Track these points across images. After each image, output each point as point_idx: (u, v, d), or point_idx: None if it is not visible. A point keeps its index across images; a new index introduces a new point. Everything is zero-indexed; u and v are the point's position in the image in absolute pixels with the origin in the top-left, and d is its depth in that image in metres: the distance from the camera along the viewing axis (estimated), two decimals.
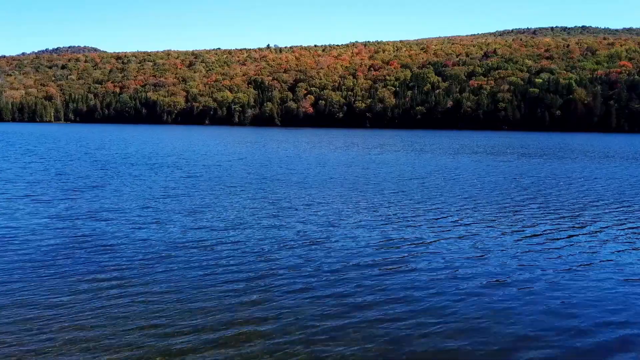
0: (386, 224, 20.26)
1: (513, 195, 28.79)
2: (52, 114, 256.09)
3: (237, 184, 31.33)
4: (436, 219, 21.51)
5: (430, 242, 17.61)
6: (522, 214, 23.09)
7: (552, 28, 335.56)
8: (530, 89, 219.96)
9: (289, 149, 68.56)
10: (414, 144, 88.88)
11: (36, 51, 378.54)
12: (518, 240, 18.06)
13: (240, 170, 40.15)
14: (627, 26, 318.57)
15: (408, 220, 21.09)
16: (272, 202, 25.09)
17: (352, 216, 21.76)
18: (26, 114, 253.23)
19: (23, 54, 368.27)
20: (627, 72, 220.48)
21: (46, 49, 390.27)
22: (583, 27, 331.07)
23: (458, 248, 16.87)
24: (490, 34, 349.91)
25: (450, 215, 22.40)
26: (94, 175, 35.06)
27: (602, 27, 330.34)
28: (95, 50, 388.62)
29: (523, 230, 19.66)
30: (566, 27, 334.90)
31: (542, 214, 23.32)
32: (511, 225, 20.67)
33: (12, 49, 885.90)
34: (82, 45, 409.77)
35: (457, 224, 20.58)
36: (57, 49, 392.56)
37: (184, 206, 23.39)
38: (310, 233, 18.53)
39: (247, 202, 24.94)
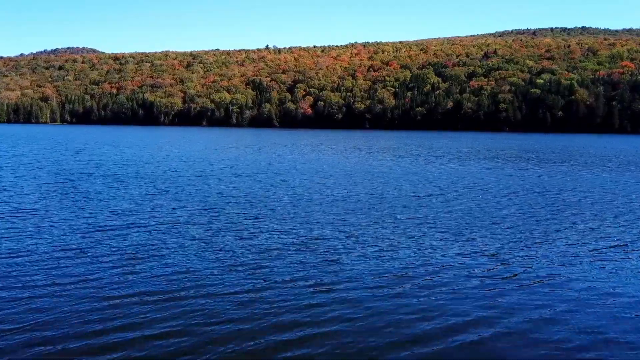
0: (408, 280, 13.09)
1: (573, 223, 21.58)
2: (48, 115, 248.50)
3: (210, 207, 24.11)
4: (480, 267, 14.31)
5: (473, 311, 10.44)
6: (606, 256, 15.89)
7: (552, 29, 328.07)
8: (532, 90, 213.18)
9: (284, 155, 61.40)
10: (419, 147, 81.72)
11: (34, 52, 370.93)
12: (610, 295, 10.89)
13: (221, 183, 32.94)
14: (627, 27, 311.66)
15: (439, 270, 13.92)
16: (249, 238, 17.88)
17: (358, 265, 14.57)
18: (21, 115, 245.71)
19: (21, 55, 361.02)
20: (630, 72, 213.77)
21: (44, 50, 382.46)
22: (583, 27, 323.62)
23: (522, 317, 9.72)
24: (490, 34, 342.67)
25: (501, 263, 15.21)
26: (37, 192, 27.81)
27: (602, 27, 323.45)
28: (94, 51, 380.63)
29: (614, 288, 12.46)
30: (566, 28, 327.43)
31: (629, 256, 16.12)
32: (596, 277, 13.47)
33: (10, 50, 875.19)
34: (80, 46, 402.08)
35: (511, 277, 13.39)
36: (55, 49, 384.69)
37: (123, 247, 16.19)
38: (297, 299, 11.37)
39: (215, 239, 17.71)
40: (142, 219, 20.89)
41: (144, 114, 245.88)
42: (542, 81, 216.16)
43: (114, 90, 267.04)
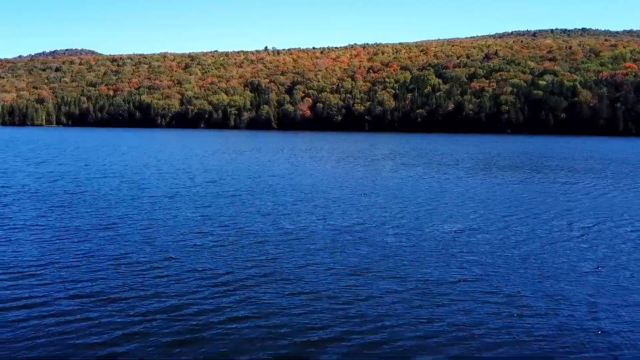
0: None
1: None
2: (44, 117, 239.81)
3: (161, 257, 16.25)
4: None
5: None
6: None
7: (552, 30, 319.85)
8: (534, 91, 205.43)
9: (279, 164, 53.56)
10: (428, 153, 73.70)
11: (33, 54, 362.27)
12: None
13: (192, 210, 25.06)
14: (628, 28, 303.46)
15: None
16: (199, 333, 10.06)
17: None
18: (17, 117, 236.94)
19: (20, 56, 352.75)
20: (634, 73, 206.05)
21: (43, 52, 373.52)
22: (583, 29, 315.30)
23: None
24: (490, 36, 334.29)
25: None
26: None
27: (603, 29, 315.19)
28: (92, 53, 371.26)
29: None
30: (566, 29, 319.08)
31: None
32: None
33: (8, 52, 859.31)
34: (79, 48, 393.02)
35: None
36: (54, 51, 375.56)
37: None
38: None
39: (150, 330, 9.86)
40: (46, 285, 12.99)
41: (141, 116, 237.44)
42: (544, 82, 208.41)
43: (111, 92, 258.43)
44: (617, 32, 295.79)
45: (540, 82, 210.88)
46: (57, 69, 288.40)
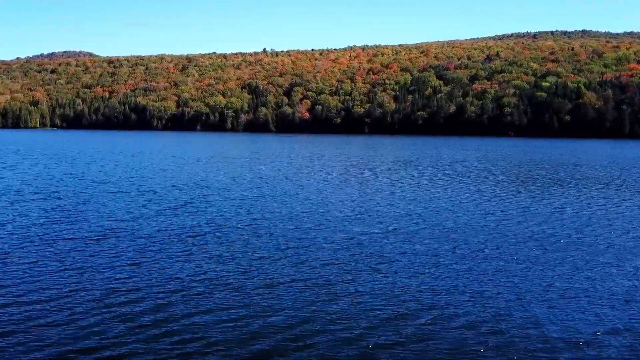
0: None
1: None
2: (38, 119, 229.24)
3: None
4: None
5: None
6: None
7: (552, 32, 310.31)
8: (537, 93, 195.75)
9: (272, 177, 43.58)
10: (440, 160, 63.64)
11: (31, 56, 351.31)
12: None
13: (124, 263, 15.04)
14: (628, 30, 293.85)
15: None
16: None
17: None
18: (10, 119, 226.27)
19: (17, 58, 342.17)
20: (639, 75, 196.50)
21: (41, 54, 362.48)
22: (583, 30, 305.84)
23: None
24: (490, 37, 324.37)
25: None
26: None
27: (603, 30, 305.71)
28: (90, 55, 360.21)
29: None
30: (566, 31, 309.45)
31: None
32: None
33: (6, 54, 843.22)
34: (77, 50, 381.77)
35: None
36: (51, 53, 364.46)
37: None
38: None
39: None
40: None
41: (137, 118, 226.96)
42: (548, 84, 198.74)
43: (107, 94, 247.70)
44: (617, 34, 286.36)
45: (544, 83, 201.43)
46: (52, 71, 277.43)
